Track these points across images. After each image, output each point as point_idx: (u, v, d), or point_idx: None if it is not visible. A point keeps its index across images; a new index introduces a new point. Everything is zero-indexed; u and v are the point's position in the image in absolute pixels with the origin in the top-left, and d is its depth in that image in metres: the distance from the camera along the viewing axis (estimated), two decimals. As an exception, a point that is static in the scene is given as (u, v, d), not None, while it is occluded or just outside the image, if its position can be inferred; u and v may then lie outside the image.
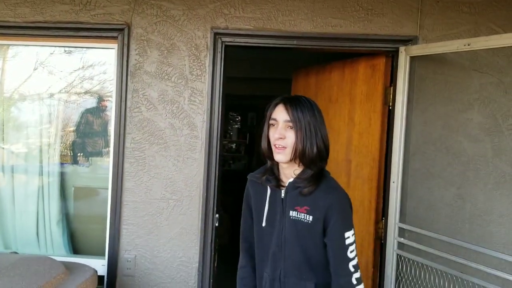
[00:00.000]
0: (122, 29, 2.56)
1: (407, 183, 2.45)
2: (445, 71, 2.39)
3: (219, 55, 2.55)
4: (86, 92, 2.82)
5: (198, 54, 2.55)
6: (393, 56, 2.50)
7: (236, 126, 8.75)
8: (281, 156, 1.46)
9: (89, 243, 2.82)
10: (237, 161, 8.48)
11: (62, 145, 2.83)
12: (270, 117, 1.50)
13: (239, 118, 8.76)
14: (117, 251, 2.60)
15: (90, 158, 2.83)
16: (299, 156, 1.45)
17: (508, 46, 2.02)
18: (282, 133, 1.45)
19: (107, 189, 2.62)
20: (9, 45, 2.82)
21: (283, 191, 1.53)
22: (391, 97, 2.50)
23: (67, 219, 2.86)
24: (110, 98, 2.68)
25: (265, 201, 1.56)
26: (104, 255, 2.65)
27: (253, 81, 5.61)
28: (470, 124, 2.35)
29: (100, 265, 2.62)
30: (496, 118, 2.30)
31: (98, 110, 2.81)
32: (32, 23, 2.60)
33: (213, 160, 2.57)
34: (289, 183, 1.52)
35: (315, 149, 1.45)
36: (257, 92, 5.94)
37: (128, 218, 2.59)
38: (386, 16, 2.46)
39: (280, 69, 4.06)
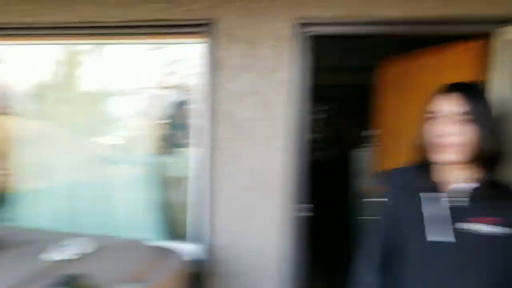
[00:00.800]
0: (207, 24, 2.63)
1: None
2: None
3: (303, 45, 2.54)
4: (174, 87, 2.95)
5: (282, 45, 2.56)
6: (488, 40, 2.35)
7: (319, 116, 8.64)
8: (449, 155, 1.20)
9: (181, 230, 2.97)
10: (319, 151, 8.39)
11: (155, 137, 3.00)
12: (433, 108, 1.26)
13: (322, 109, 8.64)
14: (207, 237, 2.72)
15: (182, 149, 2.97)
16: (475, 155, 1.19)
17: None
18: (452, 127, 1.19)
19: (197, 178, 2.75)
20: (105, 44, 3.01)
21: (446, 198, 1.25)
22: (491, 85, 2.36)
23: (162, 206, 3.04)
24: (197, 92, 2.77)
25: (420, 209, 1.26)
26: (194, 241, 2.79)
27: (335, 70, 5.48)
28: None
29: (192, 250, 2.76)
30: None
31: (187, 103, 2.93)
32: (121, 22, 2.75)
33: (299, 151, 2.60)
34: (461, 187, 1.24)
35: (495, 147, 1.18)
36: (339, 81, 5.77)
37: (219, 206, 2.70)
38: (482, -4, 2.31)
39: (369, 57, 3.96)
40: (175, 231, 3.05)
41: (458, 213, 1.21)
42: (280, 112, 2.59)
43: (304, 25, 2.53)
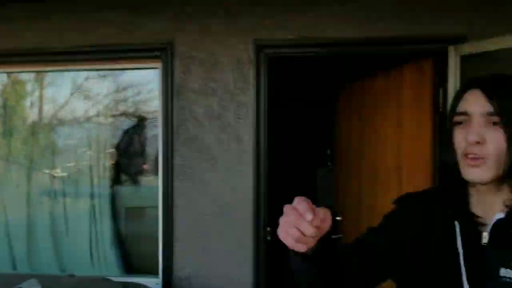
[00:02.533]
0: (165, 48, 2.58)
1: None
2: (500, 70, 2.30)
3: (262, 67, 2.54)
4: (131, 113, 2.86)
5: (242, 68, 2.55)
6: (441, 57, 2.43)
7: None
8: (479, 172, 0.85)
9: (142, 262, 2.83)
10: None
11: (110, 166, 2.86)
12: (455, 111, 0.91)
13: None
14: (170, 269, 2.60)
15: (139, 177, 2.85)
16: (510, 174, 0.85)
17: None
18: (479, 133, 0.85)
19: (158, 207, 2.63)
20: (54, 71, 2.89)
21: (485, 234, 0.88)
22: (441, 99, 2.43)
23: (119, 239, 2.89)
24: (156, 118, 2.70)
25: (455, 243, 0.90)
26: (158, 274, 2.65)
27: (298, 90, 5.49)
28: None
29: (154, 284, 2.62)
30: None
31: (145, 129, 2.84)
32: (77, 47, 2.65)
33: (262, 173, 2.55)
34: (498, 220, 0.88)
35: None
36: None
37: (180, 235, 2.59)
38: (432, 16, 2.39)
39: (320, 78, 4.01)
40: (135, 264, 2.90)
41: (502, 256, 0.86)
42: (244, 135, 2.55)
43: (263, 47, 2.53)
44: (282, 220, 0.74)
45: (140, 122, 2.87)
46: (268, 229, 2.57)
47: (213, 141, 2.57)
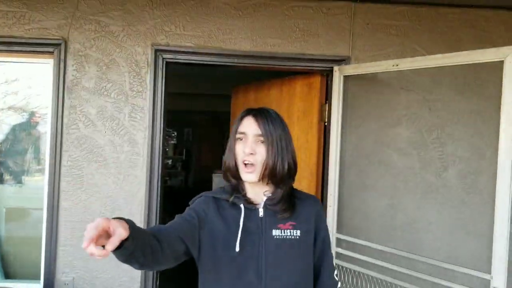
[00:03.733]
0: (59, 44, 2.50)
1: (343, 195, 2.57)
2: (376, 89, 2.55)
3: (160, 71, 2.55)
4: (19, 108, 2.70)
5: (139, 71, 2.54)
6: (328, 75, 2.64)
7: (172, 142, 8.66)
8: (251, 175, 1.30)
9: (24, 267, 2.67)
10: (174, 177, 8.39)
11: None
12: (236, 131, 1.34)
13: (175, 134, 8.69)
14: (53, 273, 2.49)
15: (23, 177, 2.70)
16: (269, 174, 1.29)
17: (432, 67, 2.20)
18: (253, 147, 1.29)
19: (42, 209, 2.52)
20: None
21: (260, 210, 1.33)
22: (326, 114, 2.62)
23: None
24: (46, 115, 2.59)
25: (239, 221, 1.30)
26: (39, 278, 2.53)
27: (189, 96, 5.60)
28: (399, 138, 2.52)
29: (34, 289, 2.50)
30: (421, 133, 2.48)
31: (33, 127, 2.70)
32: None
33: (155, 177, 2.56)
34: (265, 202, 1.34)
35: (286, 166, 1.30)
36: (193, 107, 5.92)
37: (66, 239, 2.50)
38: (321, 37, 2.59)
39: (218, 85, 4.12)
40: (19, 268, 2.73)
41: (271, 222, 1.32)
42: (136, 138, 2.54)
43: (162, 51, 2.55)
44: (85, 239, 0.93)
45: (29, 118, 2.72)
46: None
47: (106, 143, 2.53)
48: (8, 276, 2.69)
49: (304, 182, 2.69)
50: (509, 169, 1.80)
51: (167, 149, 8.52)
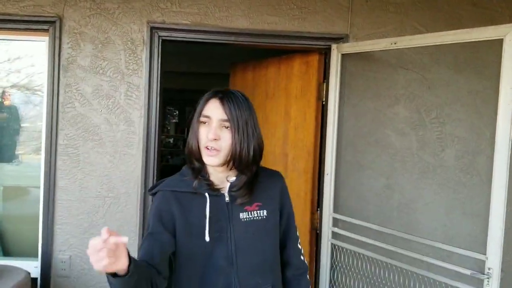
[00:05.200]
0: (53, 22, 2.47)
1: (340, 175, 2.56)
2: (374, 68, 2.52)
3: (156, 49, 2.52)
4: (14, 86, 2.69)
5: (134, 48, 2.52)
6: (326, 53, 2.60)
7: (174, 120, 8.64)
8: (214, 159, 1.24)
9: (21, 245, 2.70)
10: (176, 156, 8.40)
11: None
12: (201, 113, 1.28)
13: (177, 112, 8.67)
14: (50, 251, 2.51)
15: (19, 156, 2.70)
16: (233, 160, 1.25)
17: (431, 45, 2.16)
18: (217, 133, 1.23)
19: (39, 187, 2.53)
20: None
21: (226, 195, 1.31)
22: (324, 92, 2.60)
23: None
24: (40, 93, 2.57)
25: (205, 210, 1.27)
26: (37, 256, 2.55)
27: (191, 75, 5.57)
28: (397, 118, 2.49)
29: (33, 267, 2.52)
30: (420, 113, 2.45)
31: (28, 105, 2.69)
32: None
33: (151, 156, 2.55)
34: (229, 188, 1.32)
35: (251, 153, 1.26)
36: (194, 86, 5.91)
37: (62, 217, 2.51)
38: (319, 15, 2.55)
39: (218, 64, 4.08)
40: (17, 246, 2.76)
41: (237, 206, 1.30)
42: (133, 117, 2.52)
43: (156, 29, 2.51)
44: (90, 251, 0.91)
45: (26, 97, 2.71)
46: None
47: (102, 121, 2.52)
48: (6, 253, 2.72)
49: (301, 162, 2.68)
50: (506, 149, 1.78)
51: (168, 128, 8.52)
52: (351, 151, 2.57)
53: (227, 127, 1.24)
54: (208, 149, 1.24)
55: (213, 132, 1.23)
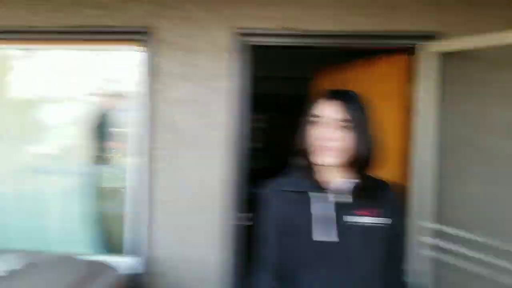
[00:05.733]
0: (145, 32, 2.60)
1: (438, 183, 2.41)
2: (472, 67, 2.35)
3: (242, 55, 2.57)
4: (111, 94, 2.86)
5: (222, 55, 2.58)
6: (414, 53, 2.48)
7: (257, 125, 8.68)
8: (330, 159, 1.24)
9: (117, 243, 2.86)
10: (257, 159, 8.45)
11: (90, 146, 2.88)
12: (316, 113, 1.27)
13: (261, 117, 8.70)
14: (145, 250, 2.65)
15: (119, 158, 2.87)
16: (349, 160, 1.24)
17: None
18: (336, 133, 1.23)
19: (134, 189, 2.68)
20: (39, 49, 2.89)
21: (333, 195, 1.29)
22: (416, 95, 2.48)
23: (97, 218, 2.92)
24: (135, 100, 2.72)
25: (309, 209, 1.27)
26: (131, 254, 2.70)
27: (272, 80, 5.56)
28: (503, 122, 2.28)
29: (129, 264, 2.66)
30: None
31: (125, 111, 2.85)
32: (56, 28, 2.66)
33: (240, 159, 2.61)
34: (343, 185, 1.30)
35: (367, 153, 1.25)
36: (276, 90, 5.89)
37: (157, 218, 2.64)
38: (406, 11, 2.44)
39: (302, 68, 4.05)
40: (111, 244, 2.93)
41: (343, 208, 1.28)
42: (220, 121, 2.59)
43: (244, 35, 2.55)
44: None
45: (123, 103, 2.88)
46: (242, 214, 2.63)
47: (191, 126, 2.61)
48: (102, 251, 2.90)
49: (387, 167, 2.58)
50: None
51: (253, 133, 8.56)
52: (450, 157, 2.39)
53: (343, 127, 1.24)
54: (325, 149, 1.24)
55: (330, 132, 1.23)
